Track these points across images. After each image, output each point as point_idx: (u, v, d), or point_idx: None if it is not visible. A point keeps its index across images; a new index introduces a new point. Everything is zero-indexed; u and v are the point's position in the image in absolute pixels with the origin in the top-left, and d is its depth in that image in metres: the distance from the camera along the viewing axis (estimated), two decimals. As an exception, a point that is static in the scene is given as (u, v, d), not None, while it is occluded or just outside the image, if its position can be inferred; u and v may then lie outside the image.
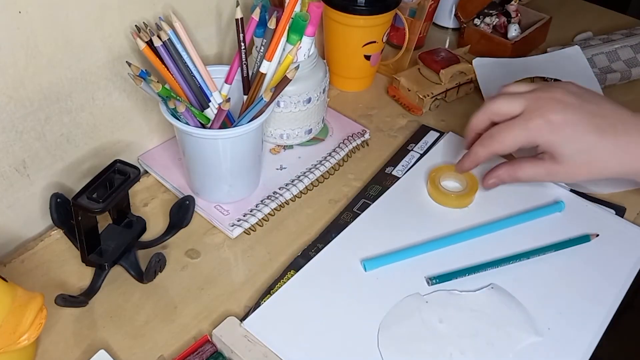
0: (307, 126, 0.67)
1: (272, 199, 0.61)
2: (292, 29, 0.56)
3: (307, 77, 0.63)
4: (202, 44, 0.65)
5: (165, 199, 0.63)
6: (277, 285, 0.54)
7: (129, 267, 0.55)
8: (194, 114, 0.54)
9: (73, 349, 0.49)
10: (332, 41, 0.76)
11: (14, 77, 0.50)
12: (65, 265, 0.56)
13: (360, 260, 0.55)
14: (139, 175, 0.53)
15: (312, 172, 0.64)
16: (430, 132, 0.71)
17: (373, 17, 0.71)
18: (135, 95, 0.62)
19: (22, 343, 0.44)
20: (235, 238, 0.59)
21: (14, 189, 0.55)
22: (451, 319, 0.51)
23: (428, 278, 0.54)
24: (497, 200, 0.61)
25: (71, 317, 0.52)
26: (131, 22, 0.57)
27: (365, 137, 0.70)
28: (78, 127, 0.58)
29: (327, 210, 0.62)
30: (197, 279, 0.55)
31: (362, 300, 0.52)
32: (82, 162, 0.60)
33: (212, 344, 0.49)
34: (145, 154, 0.66)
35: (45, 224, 0.59)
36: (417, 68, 0.77)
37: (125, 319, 0.52)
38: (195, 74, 0.56)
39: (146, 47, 0.52)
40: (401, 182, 0.64)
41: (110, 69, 0.58)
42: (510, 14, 0.83)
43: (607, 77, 0.77)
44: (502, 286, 0.53)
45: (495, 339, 0.49)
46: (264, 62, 0.56)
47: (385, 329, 0.50)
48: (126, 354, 0.49)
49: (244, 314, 0.52)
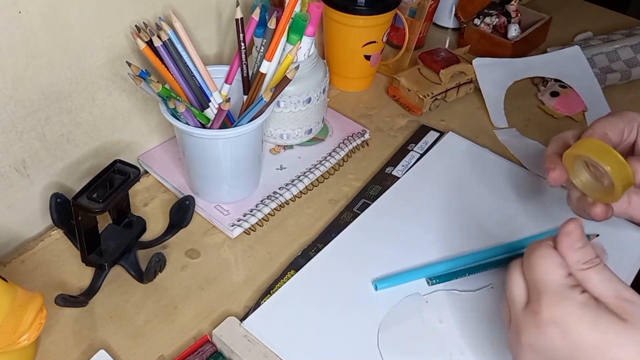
0: (307, 126, 0.67)
1: (272, 199, 0.61)
2: (292, 29, 0.56)
3: (307, 77, 0.63)
4: (202, 44, 0.65)
5: (165, 199, 0.63)
6: (277, 285, 0.54)
7: (129, 267, 0.55)
8: (194, 114, 0.54)
9: (73, 349, 0.49)
10: (332, 41, 0.76)
11: (14, 77, 0.50)
12: (65, 265, 0.56)
13: (359, 261, 0.55)
14: (139, 175, 0.53)
15: (312, 172, 0.64)
16: (430, 132, 0.71)
17: (373, 17, 0.71)
18: (135, 95, 0.62)
19: (22, 343, 0.44)
20: (235, 238, 0.59)
21: (14, 189, 0.55)
22: (451, 319, 0.51)
23: (428, 278, 0.54)
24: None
25: (71, 317, 0.52)
26: (131, 22, 0.56)
27: (365, 137, 0.70)
28: (78, 127, 0.58)
29: (327, 210, 0.62)
30: (197, 279, 0.55)
31: (362, 300, 0.52)
32: (82, 162, 0.60)
33: (212, 344, 0.49)
34: (145, 154, 0.66)
35: (45, 224, 0.59)
36: (417, 68, 0.77)
37: (125, 319, 0.52)
38: (195, 74, 0.56)
39: (146, 47, 0.52)
40: (401, 182, 0.64)
41: (110, 69, 0.58)
42: (510, 14, 0.83)
43: (607, 77, 0.77)
44: (502, 286, 0.53)
45: (495, 339, 0.49)
46: (264, 62, 0.56)
47: (385, 329, 0.50)
48: (126, 354, 0.49)
49: (244, 314, 0.52)
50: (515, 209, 0.61)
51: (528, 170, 0.66)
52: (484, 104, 0.75)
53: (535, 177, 0.64)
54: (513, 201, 0.61)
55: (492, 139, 0.71)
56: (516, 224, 0.59)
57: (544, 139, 0.70)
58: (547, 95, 0.76)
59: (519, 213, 0.60)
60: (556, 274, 0.39)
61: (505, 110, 0.74)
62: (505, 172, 0.65)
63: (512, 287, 0.41)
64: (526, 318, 0.39)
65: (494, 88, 0.76)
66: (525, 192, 0.62)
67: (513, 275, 0.41)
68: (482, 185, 0.63)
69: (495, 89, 0.76)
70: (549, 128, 0.73)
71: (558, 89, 0.76)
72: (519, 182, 0.64)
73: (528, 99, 0.77)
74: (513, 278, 0.41)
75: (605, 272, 0.39)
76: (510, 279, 0.41)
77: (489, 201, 0.61)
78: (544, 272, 0.39)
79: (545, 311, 0.38)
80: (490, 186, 0.63)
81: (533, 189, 0.63)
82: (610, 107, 0.74)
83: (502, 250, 0.56)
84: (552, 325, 0.37)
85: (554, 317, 0.37)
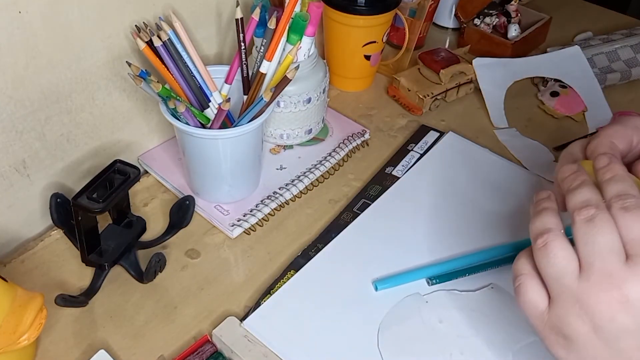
0: (307, 126, 0.67)
1: (272, 199, 0.61)
2: (292, 29, 0.56)
3: (307, 77, 0.63)
4: (202, 44, 0.65)
5: (165, 199, 0.63)
6: (277, 285, 0.54)
7: (129, 267, 0.55)
8: (194, 114, 0.54)
9: (73, 349, 0.49)
10: (332, 41, 0.76)
11: (14, 77, 0.50)
12: (65, 265, 0.56)
13: (359, 261, 0.55)
14: (139, 175, 0.53)
15: (312, 172, 0.64)
16: (430, 132, 0.71)
17: (373, 17, 0.71)
18: (135, 95, 0.62)
19: (22, 343, 0.44)
20: (235, 238, 0.59)
21: (14, 189, 0.55)
22: (451, 319, 0.51)
23: (428, 278, 0.54)
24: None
25: (71, 317, 0.52)
26: (131, 22, 0.56)
27: (365, 137, 0.70)
28: (78, 127, 0.58)
29: (327, 210, 0.62)
30: (197, 279, 0.55)
31: (362, 300, 0.52)
32: (82, 162, 0.60)
33: (212, 344, 0.49)
34: (145, 154, 0.66)
35: (45, 224, 0.59)
36: (417, 68, 0.77)
37: (125, 319, 0.52)
38: (195, 74, 0.56)
39: (146, 47, 0.52)
40: (401, 182, 0.64)
41: (110, 69, 0.58)
42: (510, 14, 0.83)
43: (607, 77, 0.77)
44: (502, 286, 0.53)
45: (495, 339, 0.49)
46: (264, 62, 0.56)
47: (385, 329, 0.50)
48: (126, 354, 0.49)
49: (244, 314, 0.52)
50: (515, 209, 0.61)
51: (528, 170, 0.66)
52: (484, 104, 0.75)
53: (535, 177, 0.64)
54: (513, 201, 0.61)
55: (492, 139, 0.71)
56: (516, 224, 0.59)
57: (544, 139, 0.70)
58: (547, 95, 0.76)
59: (518, 213, 0.60)
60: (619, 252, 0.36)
61: (505, 110, 0.74)
62: (505, 172, 0.65)
63: (603, 237, 0.37)
64: (633, 271, 0.36)
65: (494, 88, 0.76)
66: (525, 192, 0.62)
67: (604, 226, 0.37)
68: (482, 185, 0.63)
69: (495, 89, 0.76)
70: (549, 128, 0.73)
71: (558, 89, 0.76)
72: (519, 182, 0.64)
73: (528, 99, 0.77)
74: (604, 228, 0.37)
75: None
76: (600, 228, 0.37)
77: (489, 201, 0.61)
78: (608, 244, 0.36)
79: (623, 285, 0.35)
80: (490, 186, 0.63)
81: (533, 189, 0.63)
82: (611, 107, 0.74)
83: (502, 250, 0.56)
84: (628, 301, 0.35)
85: (633, 292, 0.35)
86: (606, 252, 0.36)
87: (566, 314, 0.38)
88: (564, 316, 0.38)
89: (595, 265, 0.37)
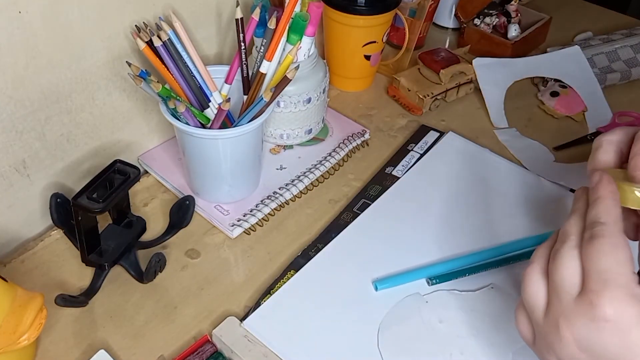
0: (307, 126, 0.67)
1: (272, 199, 0.61)
2: (292, 29, 0.56)
3: (307, 77, 0.63)
4: (202, 44, 0.65)
5: (165, 199, 0.63)
6: (277, 285, 0.54)
7: (129, 267, 0.55)
8: (194, 114, 0.54)
9: (73, 349, 0.50)
10: (332, 41, 0.76)
11: (14, 77, 0.50)
12: (65, 265, 0.56)
13: (359, 261, 0.55)
14: (139, 175, 0.53)
15: (312, 172, 0.64)
16: (430, 132, 0.71)
17: (373, 17, 0.71)
18: (135, 95, 0.62)
19: (22, 343, 0.44)
20: (235, 238, 0.59)
21: (14, 189, 0.55)
22: (451, 319, 0.51)
23: (428, 278, 0.54)
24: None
25: (71, 317, 0.52)
26: (131, 22, 0.56)
27: (365, 137, 0.70)
28: (78, 127, 0.58)
29: (327, 210, 0.62)
30: (197, 279, 0.55)
31: (362, 300, 0.52)
32: (82, 162, 0.60)
33: (212, 344, 0.49)
34: (145, 154, 0.66)
35: (45, 224, 0.59)
36: (417, 68, 0.77)
37: (125, 319, 0.52)
38: (195, 74, 0.56)
39: (146, 47, 0.52)
40: (401, 182, 0.64)
41: (110, 69, 0.58)
42: (510, 14, 0.83)
43: (607, 77, 0.77)
44: (502, 286, 0.53)
45: (495, 339, 0.49)
46: (264, 62, 0.56)
47: (385, 329, 0.50)
48: (126, 354, 0.49)
49: (244, 314, 0.52)
50: (515, 209, 0.61)
51: (528, 170, 0.66)
52: (484, 104, 0.75)
53: (535, 177, 0.64)
54: (513, 201, 0.61)
55: (492, 139, 0.71)
56: (516, 224, 0.59)
57: (544, 139, 0.70)
58: (547, 95, 0.76)
59: (519, 213, 0.60)
60: (626, 268, 0.35)
61: (505, 110, 0.74)
62: (505, 172, 0.65)
63: (562, 271, 0.36)
64: (579, 309, 0.35)
65: (494, 88, 0.76)
66: (525, 192, 0.62)
67: (564, 258, 0.36)
68: (482, 185, 0.63)
69: (495, 89, 0.76)
70: (549, 128, 0.73)
71: (558, 89, 0.76)
72: (519, 182, 0.64)
73: (528, 99, 0.77)
74: (564, 261, 0.36)
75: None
76: (560, 262, 0.37)
77: (489, 201, 0.61)
78: (613, 262, 0.35)
79: (607, 305, 0.34)
80: (490, 186, 0.63)
81: (533, 189, 0.63)
82: (611, 107, 0.74)
83: (502, 250, 0.56)
84: (611, 322, 0.34)
85: (617, 314, 0.34)
86: (560, 288, 0.36)
87: (540, 350, 0.39)
88: (541, 352, 0.39)
89: (553, 302, 0.37)
